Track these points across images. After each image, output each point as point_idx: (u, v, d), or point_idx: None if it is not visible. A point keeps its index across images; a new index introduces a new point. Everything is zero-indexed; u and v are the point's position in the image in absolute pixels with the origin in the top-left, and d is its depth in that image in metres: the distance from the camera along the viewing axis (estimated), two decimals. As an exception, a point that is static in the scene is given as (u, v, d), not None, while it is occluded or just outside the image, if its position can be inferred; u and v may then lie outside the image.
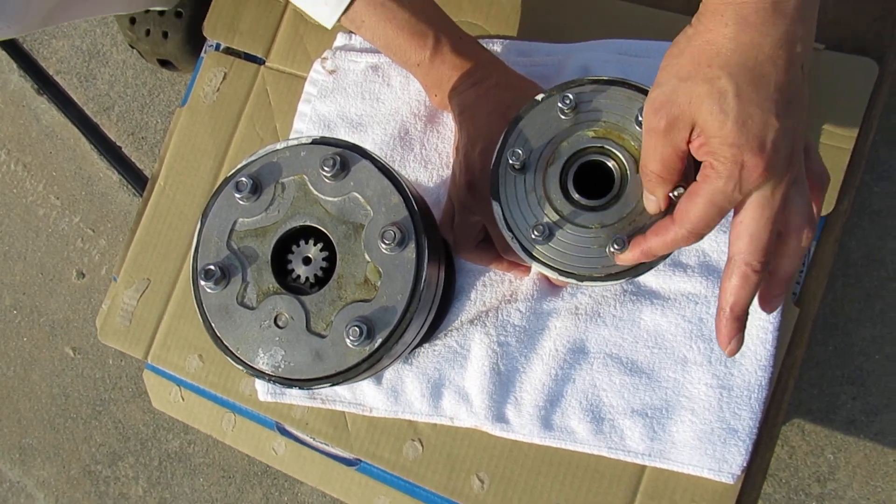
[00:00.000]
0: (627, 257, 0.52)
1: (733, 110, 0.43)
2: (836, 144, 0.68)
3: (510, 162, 0.54)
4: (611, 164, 0.55)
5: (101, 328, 0.84)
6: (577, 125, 0.55)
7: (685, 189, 0.48)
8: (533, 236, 0.54)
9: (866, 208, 1.08)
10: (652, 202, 0.51)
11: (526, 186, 0.55)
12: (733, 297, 0.48)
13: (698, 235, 0.48)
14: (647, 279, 0.68)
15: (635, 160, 0.54)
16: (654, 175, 0.49)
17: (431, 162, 0.75)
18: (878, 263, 1.08)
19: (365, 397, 0.72)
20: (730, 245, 0.48)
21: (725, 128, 0.43)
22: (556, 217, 0.55)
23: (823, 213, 0.67)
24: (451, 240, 0.69)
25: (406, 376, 0.71)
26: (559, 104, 0.54)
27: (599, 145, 0.55)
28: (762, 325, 0.65)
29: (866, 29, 0.70)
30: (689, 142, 0.46)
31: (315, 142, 0.56)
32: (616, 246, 0.52)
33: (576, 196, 0.55)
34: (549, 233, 0.54)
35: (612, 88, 0.55)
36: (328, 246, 0.55)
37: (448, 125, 0.76)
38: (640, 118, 0.52)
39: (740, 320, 0.49)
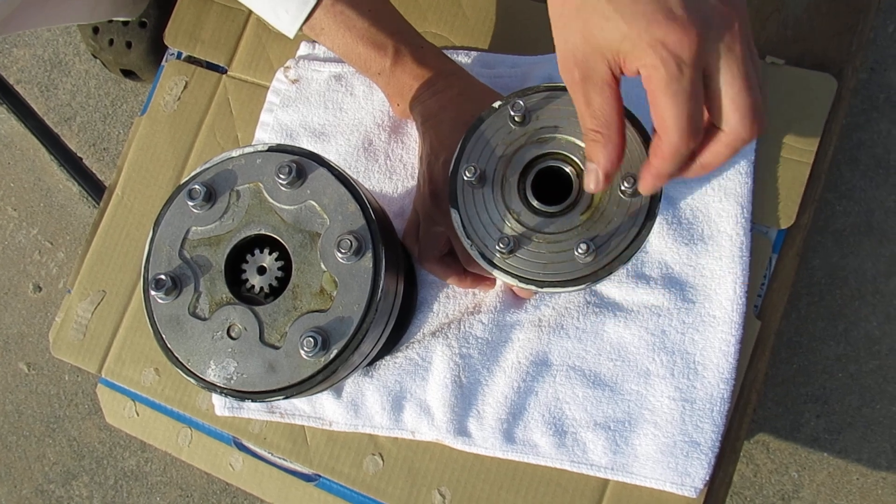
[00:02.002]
0: (647, 186, 0.48)
1: (615, 11, 0.41)
2: (797, 158, 0.68)
3: (466, 177, 0.54)
4: (568, 169, 0.55)
5: (54, 342, 0.82)
6: (533, 132, 0.55)
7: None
8: (498, 248, 0.53)
9: (829, 227, 1.09)
10: (591, 174, 0.48)
11: (485, 197, 0.55)
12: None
13: (688, 133, 0.43)
14: (611, 291, 0.67)
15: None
16: (592, 132, 0.46)
17: (396, 173, 0.74)
18: (841, 282, 1.09)
19: (324, 411, 0.71)
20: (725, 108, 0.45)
21: (621, 29, 0.41)
22: (517, 225, 0.54)
23: (783, 226, 0.67)
24: (415, 251, 0.68)
25: (366, 389, 0.69)
26: (510, 111, 0.54)
27: (555, 151, 0.55)
28: (724, 338, 0.64)
29: (825, 45, 0.71)
30: (615, 79, 0.45)
31: (271, 149, 0.55)
32: (581, 249, 0.51)
33: (535, 203, 0.55)
34: (513, 244, 0.53)
35: (565, 95, 0.55)
36: (283, 255, 0.54)
37: (412, 135, 0.75)
38: None
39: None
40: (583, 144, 0.53)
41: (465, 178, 0.54)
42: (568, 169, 0.55)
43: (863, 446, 1.07)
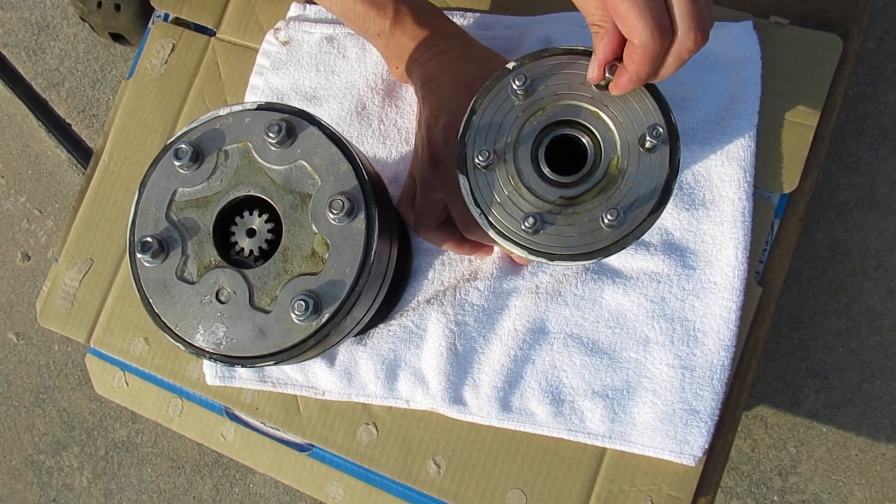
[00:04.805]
0: (620, 85, 0.50)
1: None
2: (800, 121, 0.66)
3: (478, 161, 0.52)
4: (581, 136, 0.53)
5: (42, 311, 0.80)
6: (543, 99, 0.53)
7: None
8: (525, 227, 0.51)
9: (833, 200, 1.08)
10: (591, 63, 0.51)
11: (499, 173, 0.53)
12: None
13: (657, 31, 0.46)
14: (609, 258, 0.66)
15: (603, 126, 0.52)
16: (594, 26, 0.49)
17: (390, 137, 0.72)
18: (843, 256, 1.07)
19: (317, 380, 0.70)
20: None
21: None
22: (536, 201, 0.52)
23: (786, 190, 0.66)
24: (410, 218, 0.66)
25: (360, 358, 0.68)
26: (513, 83, 0.52)
27: (565, 118, 0.53)
28: (725, 305, 0.63)
29: (831, 4, 0.69)
30: None
31: (260, 107, 0.53)
32: (610, 216, 0.50)
33: (551, 175, 0.52)
34: (540, 222, 0.51)
35: (579, 59, 0.53)
36: (273, 217, 0.52)
37: (407, 99, 0.73)
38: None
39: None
40: (593, 108, 0.53)
41: (478, 162, 0.52)
42: (581, 136, 0.53)
43: (862, 422, 1.06)
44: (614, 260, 0.66)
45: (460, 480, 0.67)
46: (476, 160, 0.52)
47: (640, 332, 0.65)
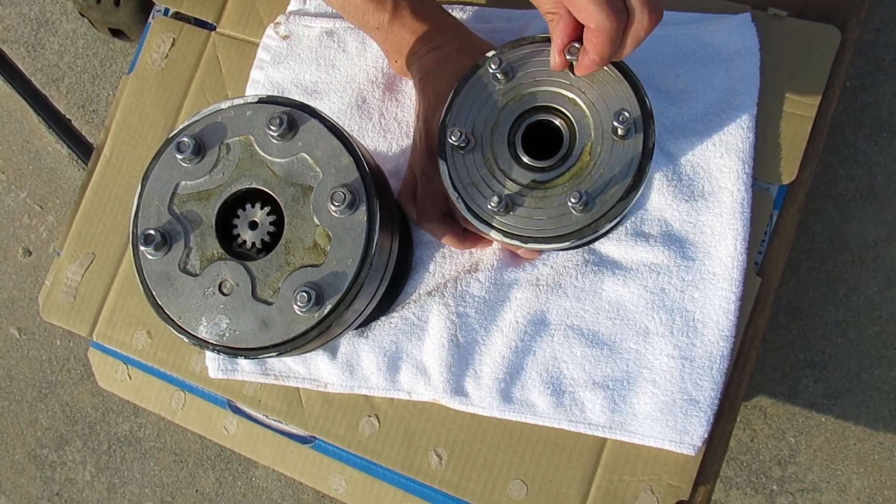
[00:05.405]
0: (583, 66, 0.51)
1: None
2: (799, 112, 0.67)
3: (452, 141, 0.53)
4: (557, 121, 0.53)
5: (44, 305, 0.81)
6: (520, 86, 0.54)
7: (579, 47, 0.50)
8: (490, 206, 0.52)
9: (831, 191, 1.08)
10: (552, 50, 0.52)
11: (474, 154, 0.54)
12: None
13: (611, 11, 0.47)
14: (609, 249, 0.66)
15: (579, 112, 0.53)
16: (548, 14, 0.50)
17: (391, 131, 0.73)
18: (842, 247, 1.08)
19: (319, 372, 0.70)
20: None
21: None
22: (508, 182, 0.53)
23: (785, 182, 0.66)
24: (411, 211, 0.66)
25: (362, 350, 0.69)
26: (490, 67, 0.53)
27: (543, 104, 0.53)
28: (724, 296, 0.64)
29: (829, -4, 0.69)
30: None
31: (261, 100, 0.53)
32: (573, 199, 0.51)
33: (525, 158, 0.53)
34: (506, 202, 0.52)
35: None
36: (275, 209, 0.53)
37: (407, 93, 0.73)
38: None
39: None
40: (569, 94, 0.54)
41: (451, 141, 0.53)
42: (557, 121, 0.53)
43: (860, 412, 1.07)
44: (614, 251, 0.66)
45: (462, 471, 0.68)
46: (450, 140, 0.53)
47: (640, 322, 0.65)
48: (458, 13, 0.74)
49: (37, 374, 1.32)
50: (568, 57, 0.51)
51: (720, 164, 0.65)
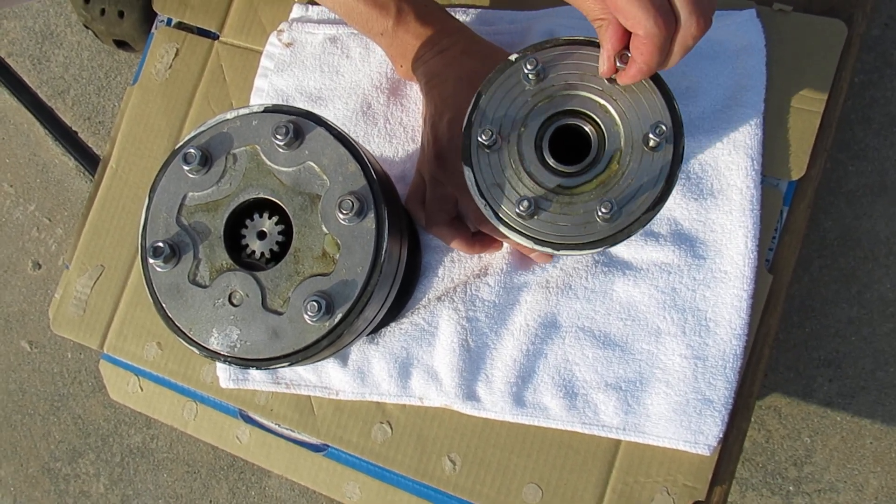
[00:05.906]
0: (628, 76, 0.50)
1: None
2: (807, 108, 0.66)
3: (481, 140, 0.52)
4: (586, 127, 0.53)
5: (54, 318, 0.81)
6: (549, 89, 0.53)
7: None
8: (518, 211, 0.51)
9: (841, 188, 1.07)
10: (601, 57, 0.51)
11: (500, 157, 0.53)
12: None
13: (660, 18, 0.46)
14: (619, 250, 0.66)
15: (610, 119, 0.52)
16: (597, 20, 0.50)
17: (396, 136, 0.73)
18: (853, 243, 1.07)
19: (331, 380, 0.70)
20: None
21: None
22: (534, 186, 0.52)
23: (794, 177, 0.66)
24: (420, 216, 0.66)
25: (372, 357, 0.68)
26: (524, 68, 0.52)
27: (572, 108, 0.53)
28: (736, 294, 0.63)
29: (835, -10, 0.69)
30: None
31: (267, 110, 0.53)
32: (604, 209, 0.50)
33: (553, 163, 0.53)
34: (532, 207, 0.51)
35: (583, 49, 0.53)
36: (283, 219, 0.52)
37: (413, 97, 0.73)
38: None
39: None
40: (601, 101, 0.53)
41: (481, 140, 0.52)
42: (586, 127, 0.53)
43: (876, 410, 1.06)
44: (624, 252, 0.66)
45: (476, 476, 0.67)
46: (480, 139, 0.52)
47: (652, 323, 0.65)
48: (462, 16, 0.74)
49: (49, 388, 1.33)
50: (618, 64, 0.50)
51: (728, 161, 0.65)
